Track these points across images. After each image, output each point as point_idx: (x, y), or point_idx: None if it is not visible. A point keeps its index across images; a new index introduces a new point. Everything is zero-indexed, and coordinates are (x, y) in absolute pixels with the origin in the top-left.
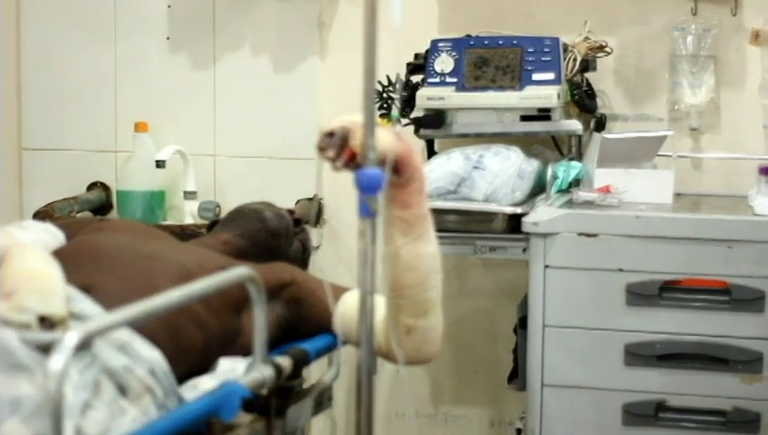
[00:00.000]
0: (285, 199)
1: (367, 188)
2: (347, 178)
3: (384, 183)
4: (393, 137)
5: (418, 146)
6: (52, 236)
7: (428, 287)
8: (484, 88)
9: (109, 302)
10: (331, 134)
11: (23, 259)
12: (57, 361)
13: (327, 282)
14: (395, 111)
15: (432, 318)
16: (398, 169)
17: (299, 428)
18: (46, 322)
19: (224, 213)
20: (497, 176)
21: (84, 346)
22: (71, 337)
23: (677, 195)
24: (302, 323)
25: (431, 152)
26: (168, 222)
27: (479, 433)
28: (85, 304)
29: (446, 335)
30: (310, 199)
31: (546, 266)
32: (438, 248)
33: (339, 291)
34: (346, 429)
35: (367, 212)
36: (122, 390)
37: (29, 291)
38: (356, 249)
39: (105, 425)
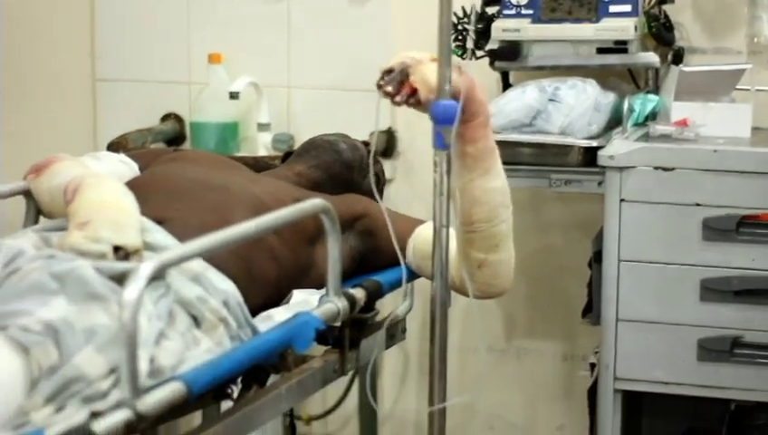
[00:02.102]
0: (359, 131)
1: (441, 120)
2: None
3: (458, 115)
4: (457, 71)
5: (492, 78)
6: (127, 166)
7: (498, 221)
8: (561, 20)
9: (182, 233)
10: (390, 71)
11: (98, 190)
12: (132, 290)
13: (401, 214)
14: (469, 43)
15: (503, 252)
16: (463, 104)
17: (372, 360)
18: (121, 252)
19: (297, 145)
20: (573, 108)
21: (158, 277)
22: (145, 267)
23: (755, 129)
24: (376, 256)
25: (506, 85)
26: (242, 154)
27: (552, 368)
28: (159, 235)
29: (519, 269)
30: (384, 131)
31: (622, 200)
32: (507, 182)
33: (412, 224)
34: (419, 361)
35: (441, 144)
36: (196, 320)
37: (104, 221)
38: (430, 182)
39: (179, 355)
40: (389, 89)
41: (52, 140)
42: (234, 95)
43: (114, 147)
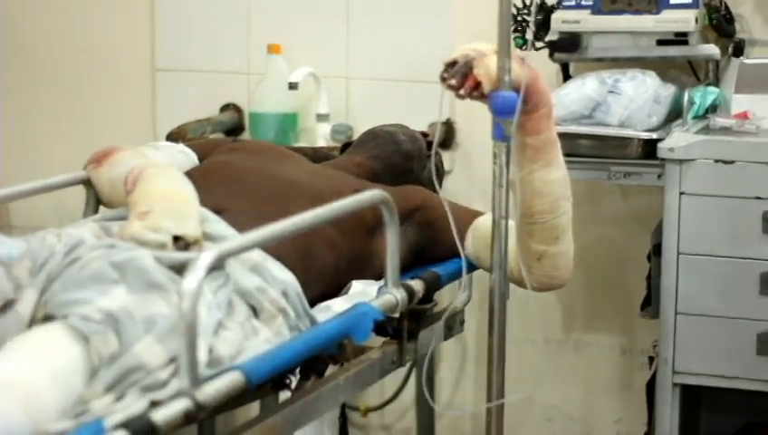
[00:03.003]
0: (417, 122)
1: (501, 111)
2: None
3: (518, 106)
4: (519, 62)
5: (551, 70)
6: (186, 156)
7: (559, 213)
8: (621, 11)
9: (241, 223)
10: (453, 63)
11: (158, 180)
12: (191, 280)
13: (459, 206)
14: (529, 35)
15: (563, 244)
16: (525, 95)
17: (429, 351)
18: (181, 242)
19: (355, 136)
20: (633, 101)
21: (218, 267)
22: (205, 257)
23: None
24: (434, 247)
25: (566, 76)
26: (300, 144)
27: (610, 361)
28: (218, 225)
29: (577, 261)
30: (443, 122)
31: (681, 193)
32: (568, 174)
33: (471, 215)
34: (476, 353)
35: (501, 135)
36: (255, 311)
37: (164, 211)
38: (489, 174)
39: (238, 345)
40: (453, 82)
41: (112, 130)
42: (293, 86)
43: (173, 137)
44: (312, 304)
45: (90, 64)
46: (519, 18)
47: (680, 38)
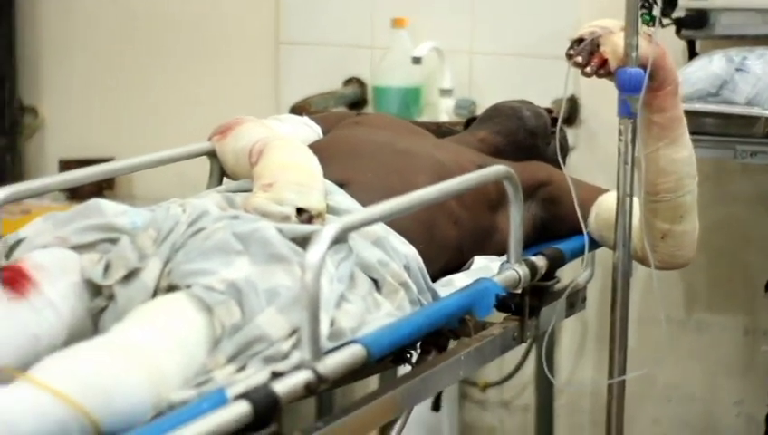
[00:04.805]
0: (541, 98)
1: (627, 88)
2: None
3: (645, 83)
4: (646, 39)
5: (678, 47)
6: (310, 129)
7: (684, 192)
8: None
9: (364, 197)
10: (580, 40)
11: (283, 152)
12: (315, 253)
13: (583, 182)
14: (656, 12)
15: (688, 223)
16: (652, 72)
17: (550, 328)
18: (304, 214)
19: (478, 111)
20: (760, 79)
21: (341, 240)
22: (329, 230)
23: None
24: (557, 224)
25: (692, 54)
26: (423, 119)
27: (732, 341)
28: (342, 198)
29: (701, 240)
30: (567, 99)
31: None
32: (694, 152)
33: (595, 192)
34: (597, 331)
35: (627, 111)
36: (377, 284)
37: (288, 183)
38: (613, 151)
39: (359, 318)
40: (579, 59)
41: (236, 102)
42: (417, 60)
43: (297, 110)
44: (434, 278)
45: (215, 37)
46: None
47: None
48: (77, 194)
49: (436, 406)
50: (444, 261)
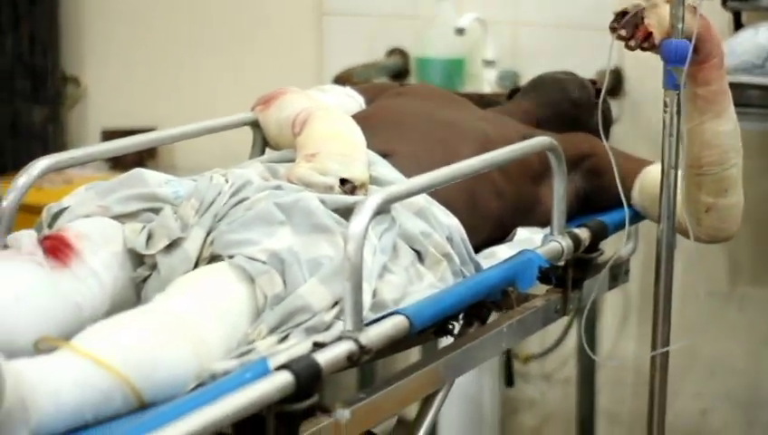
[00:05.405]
0: (585, 70)
1: (673, 59)
2: None
3: (689, 54)
4: (691, 11)
5: (723, 19)
6: (353, 100)
7: (728, 165)
8: None
9: (408, 167)
10: (623, 13)
11: (326, 122)
12: (358, 223)
13: (628, 154)
14: None
15: (732, 196)
16: (696, 44)
17: (590, 301)
18: (347, 185)
19: (521, 82)
20: None
21: (384, 210)
22: (371, 201)
23: None
24: (601, 196)
25: (738, 25)
26: (467, 90)
27: None
28: (385, 169)
29: (745, 214)
30: (611, 70)
31: None
32: (739, 125)
33: (639, 164)
34: (639, 304)
35: (672, 83)
36: (420, 255)
37: (332, 154)
38: (657, 123)
39: (402, 289)
40: (623, 32)
41: (279, 73)
42: (460, 31)
43: (340, 81)
44: (477, 250)
45: (259, 8)
46: None
47: None
48: (119, 163)
49: (510, 381)
50: (486, 232)
